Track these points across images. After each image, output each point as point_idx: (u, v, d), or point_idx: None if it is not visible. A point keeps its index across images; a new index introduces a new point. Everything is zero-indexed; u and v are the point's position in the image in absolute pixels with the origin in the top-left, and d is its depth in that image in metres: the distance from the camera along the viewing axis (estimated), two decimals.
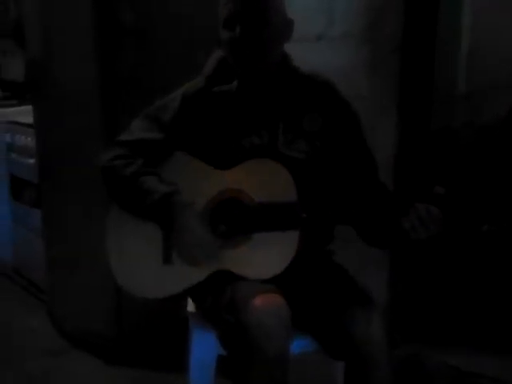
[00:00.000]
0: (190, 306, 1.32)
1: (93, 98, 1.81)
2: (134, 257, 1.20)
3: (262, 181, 1.17)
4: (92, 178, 1.32)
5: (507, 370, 1.72)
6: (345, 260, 1.27)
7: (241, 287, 1.12)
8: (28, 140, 2.31)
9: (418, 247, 1.19)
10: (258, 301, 1.05)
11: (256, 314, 1.04)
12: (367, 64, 1.77)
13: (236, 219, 1.17)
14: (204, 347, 1.23)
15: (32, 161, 2.28)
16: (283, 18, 1.20)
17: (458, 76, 1.78)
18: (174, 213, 1.14)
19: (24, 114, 2.34)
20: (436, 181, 1.65)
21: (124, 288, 1.20)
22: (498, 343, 1.83)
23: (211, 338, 1.16)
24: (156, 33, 1.78)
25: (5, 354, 1.97)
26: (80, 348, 1.97)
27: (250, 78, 1.21)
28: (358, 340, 1.06)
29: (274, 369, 1.03)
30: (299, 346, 1.15)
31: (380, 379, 1.07)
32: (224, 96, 1.22)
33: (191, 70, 1.28)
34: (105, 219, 1.24)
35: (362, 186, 1.24)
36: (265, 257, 1.15)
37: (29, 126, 2.24)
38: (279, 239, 1.15)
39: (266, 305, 1.05)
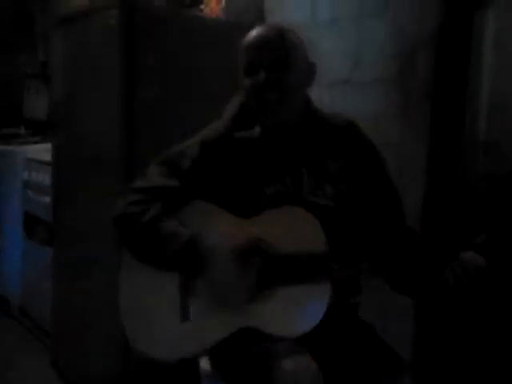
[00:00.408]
0: (204, 363, 1.20)
1: (112, 140, 1.78)
2: (147, 313, 1.11)
3: (288, 229, 1.09)
4: (106, 223, 1.25)
5: None
6: (368, 311, 1.19)
7: (268, 347, 1.02)
8: (44, 177, 2.29)
9: (454, 297, 1.11)
10: (290, 364, 0.96)
11: (287, 380, 0.94)
12: (397, 110, 1.71)
13: (261, 271, 1.08)
14: None
15: (47, 199, 2.24)
16: (306, 62, 1.17)
17: (481, 124, 1.70)
18: (202, 255, 1.06)
19: (44, 151, 2.33)
20: (468, 230, 1.55)
21: (135, 347, 1.10)
22: None
23: None
24: (178, 78, 1.78)
25: None
26: None
27: (272, 124, 1.15)
28: None
29: None
30: None
31: None
32: (246, 142, 1.17)
33: (212, 116, 1.24)
34: (115, 268, 1.15)
35: (391, 230, 1.17)
36: (293, 313, 1.05)
37: (46, 163, 2.22)
38: (308, 293, 1.05)
39: (299, 370, 0.95)
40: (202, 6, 2.12)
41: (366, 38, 1.79)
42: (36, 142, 2.78)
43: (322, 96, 1.86)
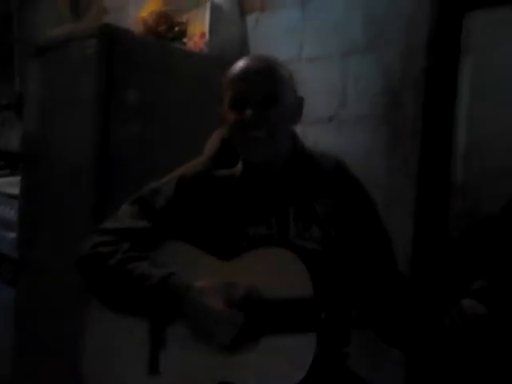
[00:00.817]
0: None
1: (85, 176, 1.69)
2: (111, 363, 1.01)
3: (271, 273, 1.00)
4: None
5: None
6: (358, 361, 1.11)
7: None
8: (11, 212, 2.17)
9: (450, 348, 1.04)
10: None
11: None
12: (384, 148, 1.66)
13: (246, 319, 0.98)
14: None
15: (13, 235, 2.10)
16: (294, 96, 1.11)
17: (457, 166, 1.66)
18: (178, 294, 0.97)
19: (11, 185, 2.22)
20: (463, 274, 1.48)
21: None
22: None
23: None
24: (156, 112, 1.73)
25: None
26: None
27: (258, 162, 1.09)
28: None
29: None
30: None
31: None
32: (226, 181, 1.09)
33: (192, 152, 1.18)
34: (80, 313, 1.07)
35: (382, 276, 1.10)
36: (276, 366, 0.96)
37: (14, 197, 2.11)
38: (293, 344, 0.96)
39: None
40: (185, 40, 2.08)
41: (351, 75, 1.76)
42: (5, 175, 2.66)
43: (305, 134, 1.82)
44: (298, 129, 1.19)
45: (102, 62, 1.63)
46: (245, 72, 1.07)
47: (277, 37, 1.96)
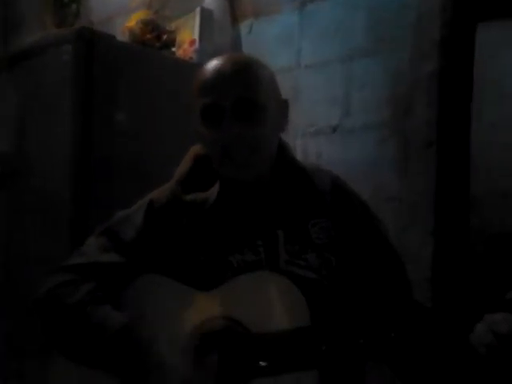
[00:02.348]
0: None
1: (65, 193, 1.53)
2: None
3: (259, 302, 0.85)
4: None
5: None
6: None
7: None
8: None
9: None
10: None
11: None
12: (394, 160, 1.49)
13: (227, 359, 0.82)
14: None
15: None
16: (278, 100, 0.95)
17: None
18: (141, 348, 0.81)
19: None
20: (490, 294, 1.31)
21: None
22: None
23: None
24: (142, 124, 1.59)
25: None
26: None
27: (241, 180, 0.93)
28: None
29: None
30: None
31: None
32: (199, 205, 0.93)
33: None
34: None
35: (396, 306, 0.94)
36: None
37: None
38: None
39: None
40: (174, 49, 1.94)
41: (355, 82, 1.61)
42: None
43: (307, 146, 1.67)
44: (299, 141, 1.05)
45: (79, 70, 1.47)
46: (216, 75, 0.90)
47: (272, 43, 1.81)
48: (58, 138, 1.57)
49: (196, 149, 1.00)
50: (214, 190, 0.95)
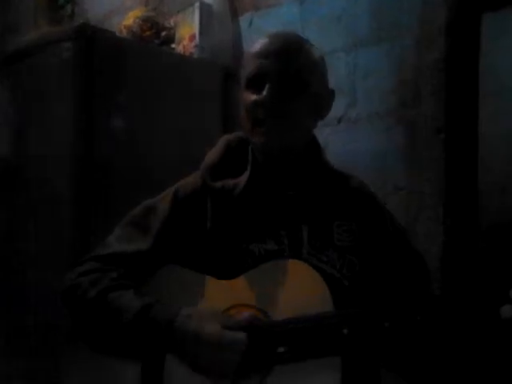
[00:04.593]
0: None
1: (66, 199, 1.51)
2: None
3: (284, 289, 0.85)
4: None
5: None
6: None
7: None
8: None
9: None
10: None
11: None
12: (402, 149, 1.47)
13: (249, 347, 0.80)
14: None
15: None
16: (324, 86, 0.96)
17: None
18: (163, 324, 0.81)
19: None
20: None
21: None
22: None
23: None
24: (145, 123, 1.57)
25: None
26: None
27: (269, 158, 0.92)
28: None
29: None
30: None
31: None
32: (230, 191, 0.93)
33: (186, 163, 1.03)
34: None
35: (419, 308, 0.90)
36: None
37: None
38: (312, 374, 0.79)
39: None
40: (173, 46, 1.92)
41: (360, 71, 1.58)
42: None
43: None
44: None
45: (80, 67, 1.45)
46: (269, 47, 0.92)
47: None
48: (59, 137, 1.55)
49: (228, 137, 1.00)
50: (243, 178, 0.95)
